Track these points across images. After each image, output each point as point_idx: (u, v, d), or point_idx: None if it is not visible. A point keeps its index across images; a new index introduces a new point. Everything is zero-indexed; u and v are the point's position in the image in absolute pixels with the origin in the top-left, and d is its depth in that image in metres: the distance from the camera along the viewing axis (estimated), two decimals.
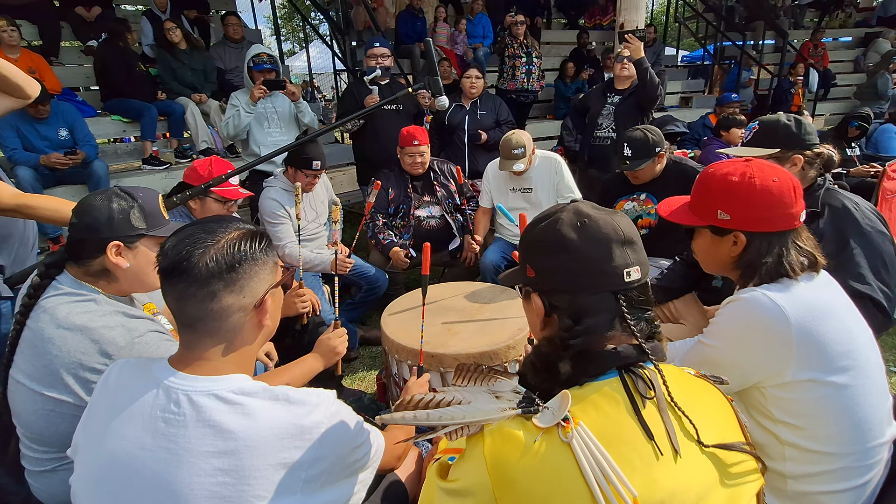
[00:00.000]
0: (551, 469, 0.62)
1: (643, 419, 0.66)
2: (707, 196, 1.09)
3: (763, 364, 0.99)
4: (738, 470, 0.69)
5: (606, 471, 0.61)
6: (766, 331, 0.98)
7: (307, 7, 11.55)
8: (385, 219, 2.89)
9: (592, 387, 0.69)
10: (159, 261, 0.78)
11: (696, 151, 4.42)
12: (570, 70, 6.51)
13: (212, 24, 5.53)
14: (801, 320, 0.96)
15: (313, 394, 0.80)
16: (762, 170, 1.03)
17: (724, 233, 1.07)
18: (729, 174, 1.05)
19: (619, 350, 0.70)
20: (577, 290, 0.72)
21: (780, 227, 1.03)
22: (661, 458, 0.64)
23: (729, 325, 1.05)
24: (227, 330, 0.79)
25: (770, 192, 1.01)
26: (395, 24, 6.52)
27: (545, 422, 0.65)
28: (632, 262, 0.72)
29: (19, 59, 3.79)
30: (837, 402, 0.97)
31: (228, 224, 0.82)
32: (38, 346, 1.06)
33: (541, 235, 0.76)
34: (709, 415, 0.72)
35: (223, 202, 2.00)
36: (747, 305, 1.00)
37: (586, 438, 0.63)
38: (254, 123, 3.19)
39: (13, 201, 1.42)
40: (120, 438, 0.75)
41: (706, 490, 0.66)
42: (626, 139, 2.22)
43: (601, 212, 0.75)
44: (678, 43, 9.44)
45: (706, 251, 1.15)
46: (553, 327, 0.75)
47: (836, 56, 8.83)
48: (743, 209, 1.03)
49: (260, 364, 1.73)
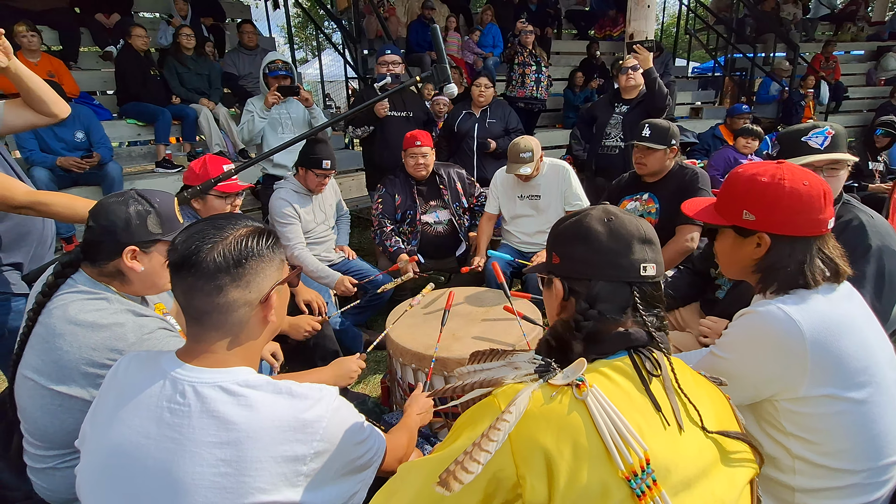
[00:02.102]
0: (569, 420, 0.66)
1: (651, 392, 0.71)
2: (733, 195, 1.06)
3: (775, 378, 0.97)
4: (737, 457, 0.73)
5: (620, 427, 0.64)
6: (779, 345, 0.95)
7: (321, 16, 11.73)
8: (393, 225, 2.91)
9: (603, 362, 0.74)
10: (170, 255, 0.80)
11: (705, 162, 4.41)
12: (578, 79, 6.53)
13: (227, 31, 5.64)
14: (817, 335, 0.93)
15: (315, 389, 0.81)
16: (793, 172, 1.00)
17: (747, 234, 1.04)
18: (758, 174, 1.02)
19: (630, 332, 0.76)
20: (596, 277, 0.78)
21: (807, 233, 0.99)
22: (667, 429, 0.68)
23: (742, 337, 1.02)
24: (232, 324, 0.81)
25: (799, 196, 0.97)
26: (406, 33, 6.61)
27: (561, 381, 0.69)
28: (649, 259, 0.78)
29: (39, 64, 3.88)
30: (853, 419, 0.94)
31: (237, 221, 0.84)
32: (49, 342, 1.08)
33: (570, 227, 0.82)
34: (710, 405, 0.76)
35: (224, 197, 1.95)
36: (761, 319, 0.98)
37: (600, 398, 0.67)
38: (268, 129, 3.25)
39: (26, 198, 1.44)
40: (126, 427, 0.77)
41: (708, 466, 0.69)
42: (649, 122, 2.28)
43: (627, 214, 0.82)
44: (688, 54, 9.45)
45: (728, 253, 1.11)
46: (569, 310, 0.80)
47: (848, 69, 8.78)
48: (769, 211, 1.00)
49: (266, 365, 1.74)
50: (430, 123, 3.67)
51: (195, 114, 4.44)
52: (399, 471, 0.71)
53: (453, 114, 3.82)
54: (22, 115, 1.64)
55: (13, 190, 1.43)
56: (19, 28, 3.80)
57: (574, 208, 2.77)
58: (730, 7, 8.84)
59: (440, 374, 1.72)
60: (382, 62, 3.40)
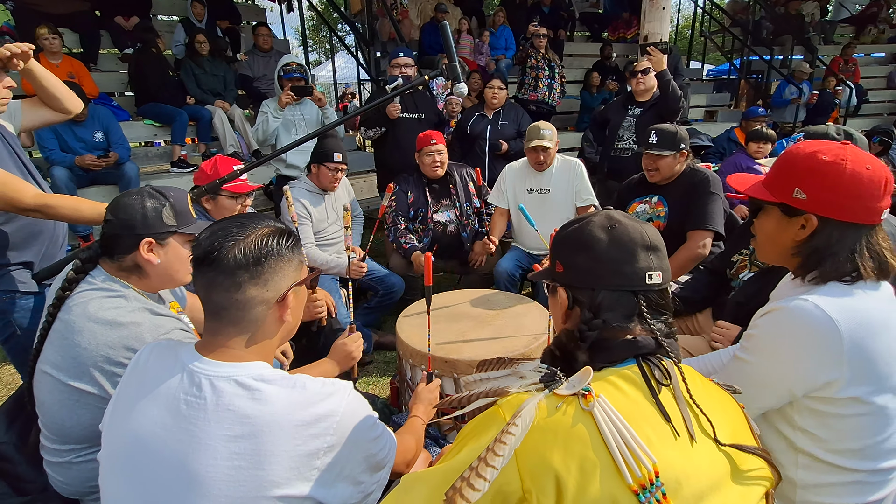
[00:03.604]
0: (575, 433, 0.64)
1: (660, 402, 0.68)
2: (788, 172, 0.98)
3: (810, 380, 0.90)
4: (752, 473, 0.70)
5: (627, 439, 0.63)
6: (814, 343, 0.88)
7: (334, 19, 11.84)
8: (406, 222, 2.92)
9: (611, 371, 0.72)
10: (193, 250, 0.82)
11: (719, 165, 4.34)
12: (595, 79, 6.46)
13: (242, 33, 5.72)
14: (854, 334, 0.86)
15: (329, 383, 0.82)
16: (857, 155, 0.92)
17: (794, 213, 0.97)
18: (819, 152, 0.94)
19: (637, 339, 0.73)
20: (599, 286, 0.76)
21: (859, 220, 0.92)
22: (678, 439, 0.66)
23: (771, 338, 0.95)
24: (249, 321, 0.82)
25: (860, 180, 0.90)
26: (419, 35, 6.63)
27: (566, 391, 0.68)
28: (654, 266, 0.76)
29: (60, 66, 3.97)
30: (870, 421, 0.91)
31: (260, 221, 0.86)
32: (69, 338, 1.10)
33: (572, 234, 0.81)
34: (724, 415, 0.73)
35: (235, 198, 1.97)
36: (791, 315, 0.90)
37: (607, 409, 0.65)
38: (282, 129, 3.31)
39: (34, 202, 1.48)
40: (144, 418, 0.78)
41: (720, 480, 0.67)
42: (655, 128, 2.24)
43: (631, 220, 0.79)
44: (703, 57, 9.32)
45: (769, 233, 1.04)
46: (574, 320, 0.79)
47: (867, 72, 8.61)
48: (824, 191, 0.92)
49: (275, 362, 1.75)
50: (441, 125, 3.68)
51: (210, 115, 4.51)
52: (403, 482, 0.70)
53: (466, 115, 3.83)
54: (38, 113, 1.73)
55: (22, 192, 1.48)
56: (41, 31, 3.89)
57: (585, 203, 2.76)
58: (746, 9, 8.72)
59: (450, 377, 1.71)
60: (395, 64, 3.42)
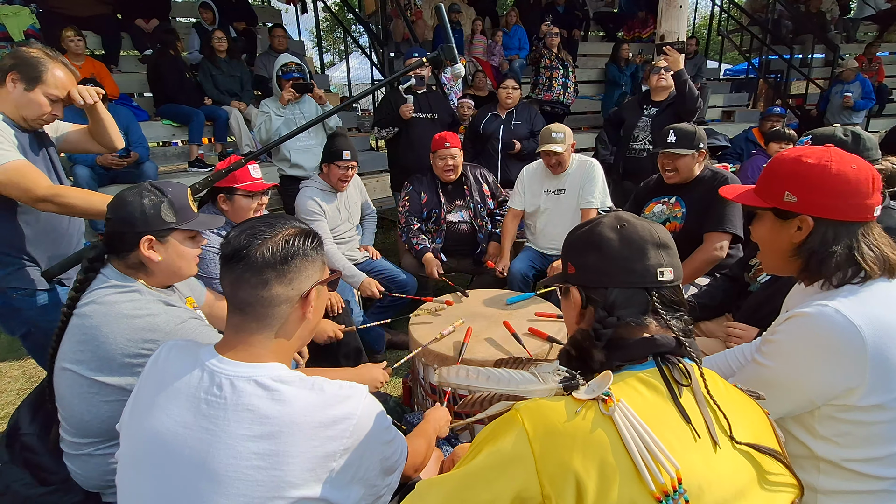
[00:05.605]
0: (595, 437, 0.63)
1: (680, 404, 0.67)
2: (775, 177, 1.00)
3: (831, 387, 0.89)
4: (776, 479, 0.69)
5: (649, 444, 0.62)
6: (837, 351, 0.87)
7: (349, 20, 11.93)
8: (419, 223, 2.93)
9: (630, 374, 0.71)
10: (222, 248, 0.85)
11: (737, 166, 4.27)
12: (624, 51, 6.45)
13: (258, 35, 5.79)
14: (877, 339, 0.85)
15: (346, 386, 0.82)
16: (841, 156, 0.94)
17: (787, 216, 0.99)
18: (803, 156, 0.96)
19: (656, 338, 0.73)
20: (612, 284, 0.77)
21: (851, 217, 0.93)
22: (700, 442, 0.65)
23: (792, 344, 0.94)
24: (272, 317, 0.84)
25: (846, 179, 0.92)
26: (432, 36, 6.64)
27: (586, 395, 0.67)
28: (665, 263, 0.76)
29: (83, 66, 4.07)
30: (893, 429, 0.89)
31: (286, 221, 0.88)
32: (87, 333, 1.12)
33: (583, 235, 0.82)
34: (744, 416, 0.72)
35: (251, 196, 1.94)
36: (814, 322, 0.89)
37: (628, 413, 0.64)
38: (283, 128, 3.32)
39: (46, 191, 1.53)
40: (164, 416, 0.79)
41: (745, 487, 0.66)
42: (673, 127, 2.21)
43: (640, 219, 0.80)
44: (720, 56, 9.19)
45: (766, 238, 1.05)
46: (589, 320, 0.79)
47: (892, 70, 8.40)
48: (813, 193, 0.94)
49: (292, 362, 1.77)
50: (455, 125, 3.68)
51: (226, 115, 4.57)
52: (418, 488, 0.70)
53: (479, 115, 3.82)
54: (82, 142, 1.89)
55: (37, 182, 1.52)
56: (67, 33, 4.00)
57: (587, 206, 2.70)
58: (765, 7, 8.56)
59: None
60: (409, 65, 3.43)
